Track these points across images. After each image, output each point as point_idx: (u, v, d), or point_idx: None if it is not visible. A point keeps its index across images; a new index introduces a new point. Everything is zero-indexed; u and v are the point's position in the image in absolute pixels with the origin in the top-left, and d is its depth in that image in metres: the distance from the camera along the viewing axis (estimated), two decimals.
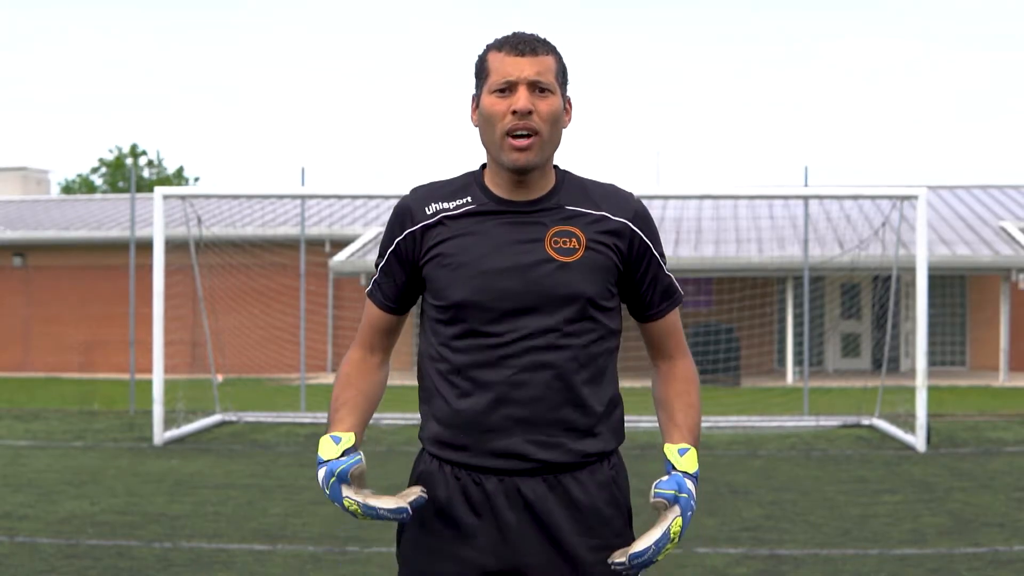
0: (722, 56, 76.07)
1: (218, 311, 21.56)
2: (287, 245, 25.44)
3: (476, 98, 2.88)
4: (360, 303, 25.91)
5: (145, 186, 47.47)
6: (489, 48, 2.85)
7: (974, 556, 8.07)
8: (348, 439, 2.93)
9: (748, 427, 16.23)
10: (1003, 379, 24.10)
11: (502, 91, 2.79)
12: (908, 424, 14.99)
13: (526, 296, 2.80)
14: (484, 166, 2.94)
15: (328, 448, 2.92)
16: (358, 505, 2.84)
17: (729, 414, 17.13)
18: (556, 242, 2.82)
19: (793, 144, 76.61)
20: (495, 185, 2.88)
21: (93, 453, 13.64)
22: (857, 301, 26.85)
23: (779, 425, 16.29)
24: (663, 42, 77.93)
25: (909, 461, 12.99)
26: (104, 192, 50.79)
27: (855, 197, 15.56)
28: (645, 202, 27.41)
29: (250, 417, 16.92)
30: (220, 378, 20.18)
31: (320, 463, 2.91)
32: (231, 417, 16.80)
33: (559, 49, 2.86)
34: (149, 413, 15.47)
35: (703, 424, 17.26)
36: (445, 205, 2.88)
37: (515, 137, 2.78)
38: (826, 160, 73.02)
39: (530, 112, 2.77)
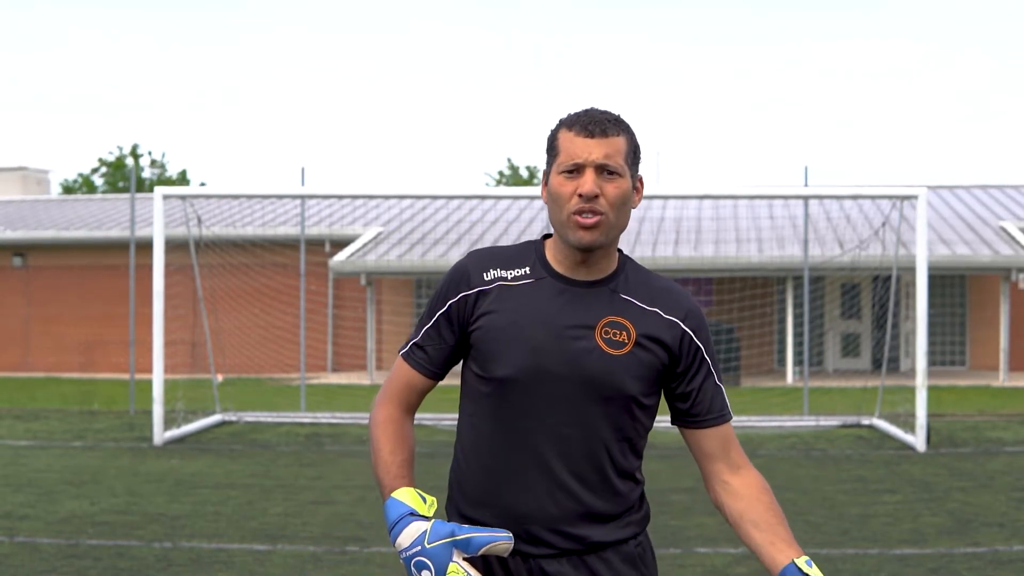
0: (722, 56, 76.14)
1: (218, 311, 21.57)
2: (287, 245, 25.44)
3: (546, 175, 2.84)
4: (360, 302, 25.97)
5: (147, 187, 47.48)
6: (560, 125, 2.81)
7: (974, 556, 8.08)
8: (433, 502, 2.77)
9: (748, 427, 16.23)
10: (1003, 379, 24.09)
11: (570, 172, 2.76)
12: (908, 424, 15.00)
13: (571, 383, 2.75)
14: (545, 237, 2.91)
15: (419, 503, 2.71)
16: None
17: None
18: (607, 332, 2.77)
19: (793, 144, 76.66)
20: (556, 260, 2.84)
21: (93, 453, 13.64)
22: (857, 301, 26.85)
23: (779, 425, 16.29)
24: (663, 42, 77.99)
25: (909, 461, 12.99)
26: (104, 192, 50.80)
27: (855, 197, 15.57)
28: (645, 202, 27.22)
29: (250, 417, 16.92)
30: (220, 378, 20.19)
31: (416, 515, 2.68)
32: (231, 417, 16.80)
33: (632, 127, 2.83)
34: (149, 413, 15.47)
35: None
36: (503, 273, 2.83)
37: (581, 216, 2.75)
38: (826, 160, 73.08)
39: (596, 196, 2.74)
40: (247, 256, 24.72)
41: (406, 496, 2.71)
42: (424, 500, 2.72)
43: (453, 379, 2.98)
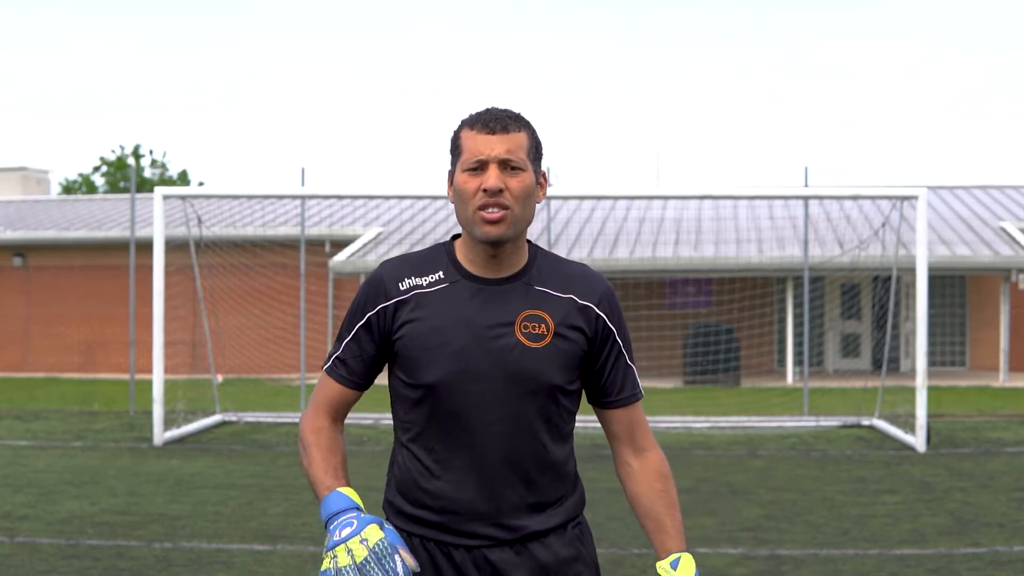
0: (722, 56, 76.11)
1: (218, 311, 21.56)
2: (287, 245, 25.44)
3: (451, 175, 2.89)
4: None
5: (147, 187, 47.47)
6: (462, 125, 2.87)
7: (974, 556, 8.08)
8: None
9: (748, 427, 16.23)
10: (1003, 379, 24.09)
11: (474, 169, 2.81)
12: (908, 424, 14.99)
13: (498, 381, 2.82)
14: (455, 238, 2.96)
15: (358, 500, 2.81)
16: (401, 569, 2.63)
17: (729, 414, 17.13)
18: (526, 327, 2.84)
19: (793, 144, 76.65)
20: (467, 260, 2.89)
21: (93, 453, 13.64)
22: (857, 301, 26.85)
23: (779, 425, 16.29)
24: (663, 42, 77.99)
25: (909, 461, 12.99)
26: (105, 192, 50.80)
27: (855, 197, 15.56)
28: (645, 202, 27.17)
29: (250, 417, 16.92)
30: (220, 378, 20.19)
31: (357, 508, 2.76)
32: (231, 417, 16.80)
33: (532, 124, 2.89)
34: (149, 413, 15.47)
35: (703, 424, 17.28)
36: (418, 280, 2.88)
37: (486, 211, 2.80)
38: (826, 160, 73.04)
39: (501, 190, 2.79)
40: (247, 256, 24.71)
41: (348, 493, 2.82)
42: (357, 502, 2.82)
43: None
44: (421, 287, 2.88)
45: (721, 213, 27.88)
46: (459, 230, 2.99)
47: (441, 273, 2.89)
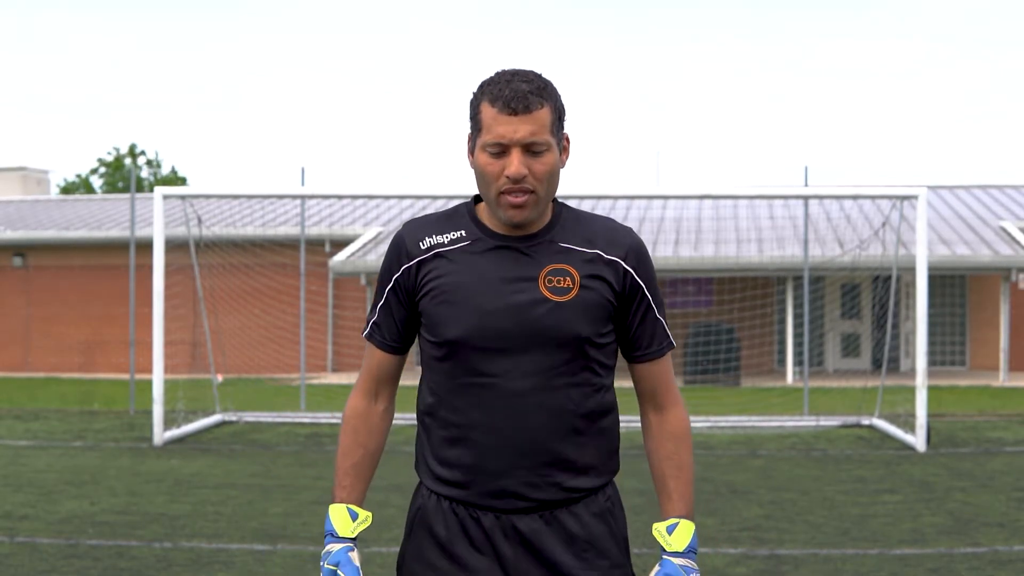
0: (722, 56, 76.10)
1: (218, 311, 21.56)
2: (287, 245, 25.44)
3: (471, 142, 2.81)
4: (360, 302, 25.98)
5: (144, 187, 47.46)
6: (483, 95, 2.76)
7: (974, 556, 8.08)
8: (365, 518, 2.95)
9: (748, 427, 16.22)
10: (1003, 379, 24.09)
11: (495, 153, 2.74)
12: (908, 424, 14.99)
13: (521, 336, 2.77)
14: (477, 197, 2.91)
15: (344, 523, 2.94)
16: None
17: (729, 414, 17.13)
18: (550, 281, 2.79)
19: (793, 144, 76.65)
20: (489, 220, 2.85)
21: (93, 453, 13.64)
22: (857, 301, 26.85)
23: (779, 425, 16.29)
24: (662, 43, 77.99)
25: (909, 461, 12.99)
26: (103, 193, 50.80)
27: (855, 197, 15.57)
28: (645, 202, 27.12)
29: (250, 417, 16.91)
30: (220, 378, 20.19)
31: (334, 537, 2.93)
32: (231, 417, 16.80)
33: (554, 88, 2.78)
34: (149, 413, 15.47)
35: (703, 424, 17.26)
36: (439, 239, 2.85)
37: (511, 195, 2.75)
38: (826, 160, 73.06)
39: (525, 175, 2.73)
40: (247, 256, 24.71)
41: (335, 514, 2.94)
42: (355, 517, 2.93)
43: (412, 381, 3.03)
44: (442, 244, 2.84)
45: (721, 213, 27.88)
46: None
47: (463, 232, 2.85)
